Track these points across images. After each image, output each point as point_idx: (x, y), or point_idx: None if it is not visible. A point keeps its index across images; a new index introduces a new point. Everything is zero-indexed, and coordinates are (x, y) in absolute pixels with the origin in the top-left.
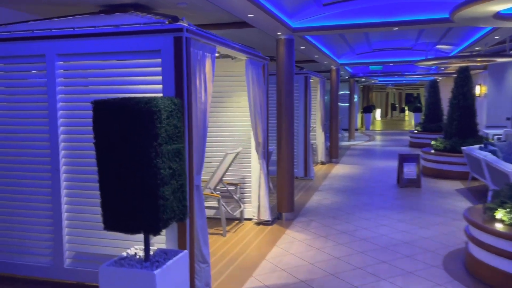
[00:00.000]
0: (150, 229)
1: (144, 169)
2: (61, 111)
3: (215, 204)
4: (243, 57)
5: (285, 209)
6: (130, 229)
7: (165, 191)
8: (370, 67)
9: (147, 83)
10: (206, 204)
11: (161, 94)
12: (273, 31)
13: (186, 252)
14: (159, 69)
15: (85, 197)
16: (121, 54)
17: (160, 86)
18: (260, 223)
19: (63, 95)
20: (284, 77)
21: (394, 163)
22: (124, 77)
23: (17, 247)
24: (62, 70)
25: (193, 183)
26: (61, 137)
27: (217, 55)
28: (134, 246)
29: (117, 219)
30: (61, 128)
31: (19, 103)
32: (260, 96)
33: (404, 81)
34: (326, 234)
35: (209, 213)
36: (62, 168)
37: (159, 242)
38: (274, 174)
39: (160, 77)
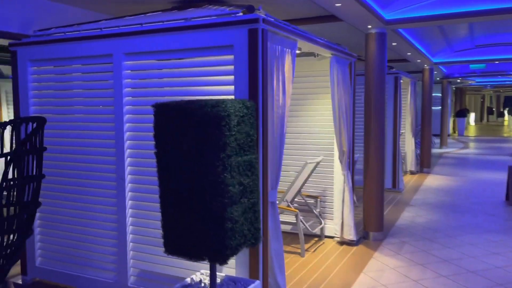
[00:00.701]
0: (216, 257)
1: (209, 185)
2: (127, 115)
3: (292, 219)
4: (327, 53)
5: (372, 228)
6: (193, 256)
7: (233, 211)
8: (470, 65)
9: (218, 83)
10: (282, 218)
11: (232, 96)
12: (363, 24)
13: (258, 282)
14: (231, 67)
15: (151, 210)
16: (191, 51)
17: (232, 87)
18: (343, 242)
19: (130, 97)
20: (375, 76)
21: (497, 176)
22: (193, 77)
23: (81, 259)
24: (129, 71)
25: (267, 200)
26: (127, 143)
27: (297, 51)
28: (201, 270)
29: (179, 243)
30: (127, 134)
31: (85, 106)
32: (346, 98)
33: (507, 82)
34: (423, 261)
35: (285, 228)
36: (128, 178)
37: (228, 267)
38: (359, 184)
39: (232, 77)
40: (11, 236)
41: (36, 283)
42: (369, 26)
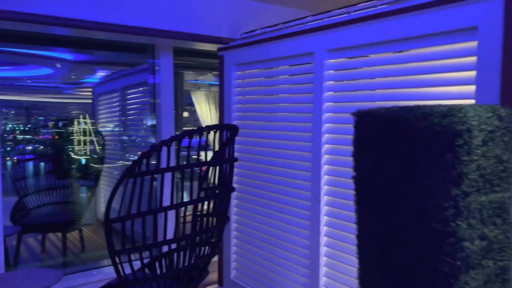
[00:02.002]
0: None
1: (430, 237)
2: (326, 125)
3: None
4: None
5: None
6: None
7: (470, 280)
8: None
9: (448, 82)
10: None
11: (472, 101)
12: None
13: None
14: (471, 59)
15: (348, 242)
16: (412, 41)
17: (471, 88)
18: None
19: (330, 103)
20: None
21: None
22: (413, 75)
23: (271, 281)
24: (331, 71)
25: None
26: (325, 158)
27: None
28: None
29: None
30: (325, 147)
31: (283, 113)
32: None
33: None
34: None
35: None
36: (324, 199)
37: None
38: None
39: (471, 73)
40: (205, 248)
41: None
42: None
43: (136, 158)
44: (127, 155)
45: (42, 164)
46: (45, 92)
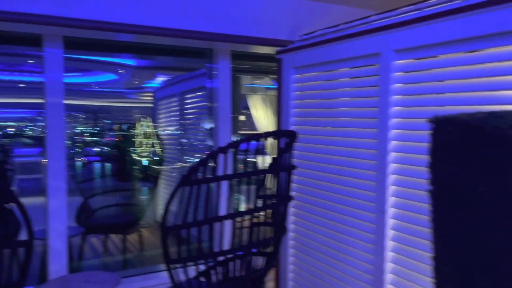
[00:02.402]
0: None
1: None
2: (393, 131)
3: None
4: None
5: None
6: None
7: None
8: None
9: None
10: None
11: None
12: None
13: None
14: None
15: (419, 260)
16: (493, 38)
17: None
18: None
19: (398, 108)
20: None
21: None
22: (494, 77)
23: None
24: (400, 73)
25: None
26: (391, 167)
27: None
28: None
29: None
30: (392, 155)
31: (345, 118)
32: None
33: None
34: None
35: None
36: (389, 211)
37: None
38: None
39: None
40: (262, 259)
41: None
42: None
43: (193, 161)
44: (184, 157)
45: (106, 165)
46: (110, 97)
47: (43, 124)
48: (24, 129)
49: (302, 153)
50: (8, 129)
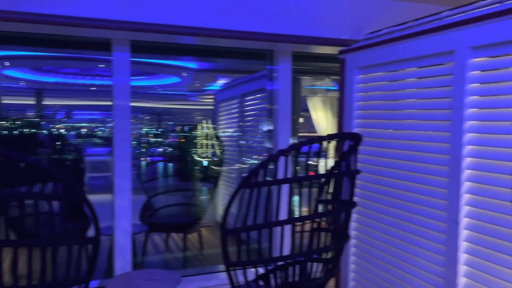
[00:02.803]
0: None
1: None
2: (468, 135)
3: None
4: None
5: None
6: None
7: None
8: None
9: None
10: None
11: None
12: None
13: None
14: None
15: (498, 276)
16: None
17: None
18: None
19: (474, 109)
20: None
21: None
22: None
23: None
24: (477, 72)
25: None
26: (465, 173)
27: None
28: None
29: None
30: (467, 160)
31: (414, 120)
32: None
33: None
34: None
35: None
36: (463, 221)
37: None
38: None
39: None
40: (322, 266)
41: None
42: None
43: (251, 162)
44: (243, 158)
45: (169, 165)
46: (173, 99)
47: (112, 125)
48: (95, 130)
49: (366, 157)
50: (81, 130)
